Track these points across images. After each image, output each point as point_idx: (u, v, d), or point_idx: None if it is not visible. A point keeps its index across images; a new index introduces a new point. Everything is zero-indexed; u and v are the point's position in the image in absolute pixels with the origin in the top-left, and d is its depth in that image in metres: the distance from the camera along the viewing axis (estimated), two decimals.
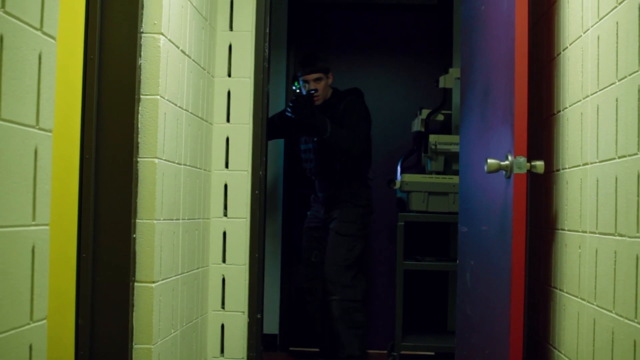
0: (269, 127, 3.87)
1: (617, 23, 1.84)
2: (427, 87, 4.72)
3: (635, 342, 1.68)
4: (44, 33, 1.52)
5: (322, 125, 3.73)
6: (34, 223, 1.50)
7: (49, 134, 1.56)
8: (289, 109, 3.78)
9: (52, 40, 1.56)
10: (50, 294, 1.70)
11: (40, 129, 1.51)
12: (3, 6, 1.35)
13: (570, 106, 2.28)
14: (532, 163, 2.28)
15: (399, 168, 4.39)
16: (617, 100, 1.84)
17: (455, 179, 3.97)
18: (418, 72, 4.84)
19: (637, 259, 1.67)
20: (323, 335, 4.08)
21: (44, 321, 1.55)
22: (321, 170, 4.01)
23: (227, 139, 3.34)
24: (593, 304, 2.01)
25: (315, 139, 3.88)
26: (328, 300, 3.86)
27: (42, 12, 1.52)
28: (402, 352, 4.03)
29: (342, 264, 3.87)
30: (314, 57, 3.89)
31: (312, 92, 3.81)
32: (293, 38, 4.84)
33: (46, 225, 1.55)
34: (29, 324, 1.49)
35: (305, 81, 3.87)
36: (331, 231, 3.95)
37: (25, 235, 1.46)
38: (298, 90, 3.74)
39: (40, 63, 1.51)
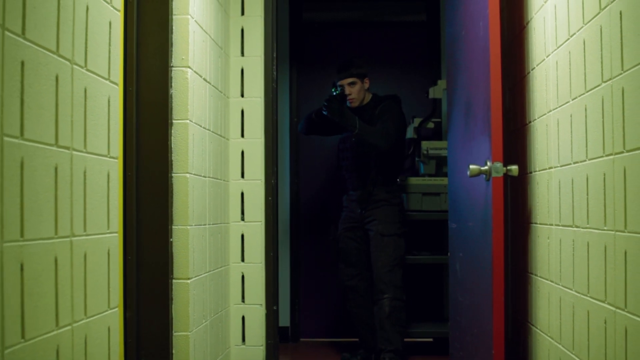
0: (308, 123, 4.28)
1: (569, 52, 2.20)
2: (418, 97, 4.98)
3: (588, 312, 2.02)
4: (111, 81, 1.91)
5: (351, 123, 4.01)
6: (108, 231, 1.88)
7: (116, 160, 1.95)
8: (323, 107, 4.08)
9: (116, 86, 1.95)
10: None
11: (110, 157, 1.90)
12: (85, 65, 1.75)
13: (538, 118, 2.61)
14: (508, 167, 2.57)
15: None
16: (571, 116, 2.18)
17: (445, 181, 4.13)
18: (410, 84, 5.10)
19: (587, 245, 2.02)
20: (363, 329, 4.22)
21: (117, 309, 1.93)
22: (356, 166, 4.16)
23: (242, 152, 3.65)
24: (559, 285, 2.34)
25: (353, 139, 4.12)
26: (380, 299, 4.00)
27: (109, 64, 1.90)
28: (404, 340, 4.23)
29: (392, 263, 4.01)
30: (349, 64, 4.14)
31: (344, 94, 4.12)
32: (294, 58, 5.12)
33: (116, 232, 1.94)
34: (107, 310, 1.87)
35: (341, 85, 4.14)
36: (374, 234, 4.06)
37: (104, 241, 1.85)
38: (335, 93, 4.09)
39: (109, 105, 1.89)
